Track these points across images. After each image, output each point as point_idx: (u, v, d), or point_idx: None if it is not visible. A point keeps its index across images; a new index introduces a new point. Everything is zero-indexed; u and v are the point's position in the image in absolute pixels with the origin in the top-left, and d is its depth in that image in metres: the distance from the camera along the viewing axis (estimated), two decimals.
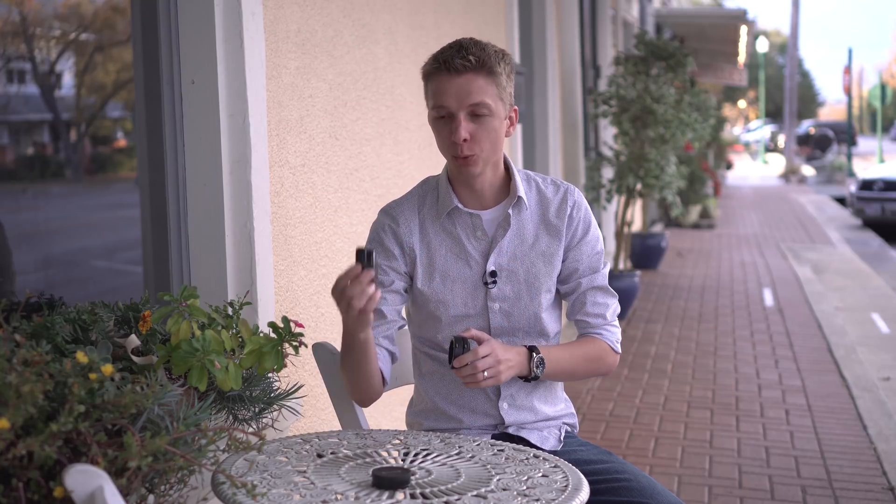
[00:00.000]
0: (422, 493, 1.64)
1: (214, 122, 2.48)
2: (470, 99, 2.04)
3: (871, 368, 5.96)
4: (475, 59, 2.04)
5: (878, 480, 4.01)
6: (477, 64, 2.04)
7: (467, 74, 2.04)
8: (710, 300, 8.20)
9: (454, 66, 2.04)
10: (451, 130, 2.06)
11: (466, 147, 2.06)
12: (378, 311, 2.15)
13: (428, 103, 2.12)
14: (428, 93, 2.11)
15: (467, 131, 2.05)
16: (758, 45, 31.34)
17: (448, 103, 2.05)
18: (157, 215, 2.61)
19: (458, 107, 2.05)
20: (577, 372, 2.20)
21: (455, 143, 2.06)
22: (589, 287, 2.21)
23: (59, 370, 1.50)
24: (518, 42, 5.84)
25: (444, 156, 2.14)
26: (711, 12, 20.19)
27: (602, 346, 2.22)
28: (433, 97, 2.08)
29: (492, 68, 2.06)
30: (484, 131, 2.07)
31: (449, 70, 2.04)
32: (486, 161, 2.11)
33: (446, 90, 2.05)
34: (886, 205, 15.19)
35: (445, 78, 2.05)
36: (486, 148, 2.08)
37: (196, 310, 1.93)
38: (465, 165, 2.09)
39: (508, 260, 2.16)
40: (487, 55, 2.06)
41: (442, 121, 2.08)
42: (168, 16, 2.49)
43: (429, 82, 2.10)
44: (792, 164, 28.05)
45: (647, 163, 7.43)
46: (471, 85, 2.04)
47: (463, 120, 2.05)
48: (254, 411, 2.01)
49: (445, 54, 2.06)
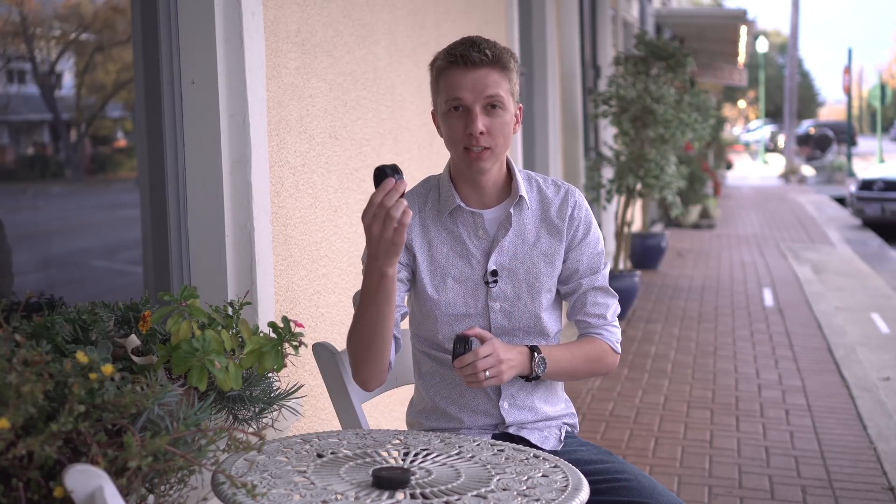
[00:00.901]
0: (422, 493, 1.64)
1: (214, 122, 2.48)
2: (486, 91, 2.06)
3: (871, 368, 5.96)
4: (491, 53, 2.07)
5: (878, 480, 4.01)
6: (493, 58, 2.07)
7: (483, 68, 2.07)
8: (709, 300, 8.20)
9: (471, 59, 2.06)
10: (466, 123, 2.07)
11: (483, 140, 2.07)
12: None
13: (438, 98, 2.13)
14: (439, 87, 2.12)
15: (483, 125, 2.06)
16: (758, 45, 31.35)
17: (464, 96, 2.06)
18: (157, 215, 2.61)
19: (474, 100, 2.06)
20: (577, 372, 2.21)
21: (471, 135, 2.06)
22: (590, 287, 2.22)
23: (59, 370, 1.50)
24: (518, 42, 5.84)
25: (454, 150, 2.13)
26: (711, 12, 20.19)
27: (602, 346, 2.23)
28: (447, 90, 2.09)
29: (506, 63, 2.09)
30: (498, 125, 2.09)
31: (466, 64, 2.06)
32: (497, 157, 2.12)
33: (462, 83, 2.06)
34: (886, 205, 15.19)
35: (461, 71, 2.07)
36: (499, 143, 2.10)
37: (196, 310, 1.93)
38: (478, 160, 2.10)
39: (509, 259, 2.17)
40: (500, 51, 2.09)
41: (456, 114, 2.09)
42: (168, 16, 2.49)
43: (441, 77, 2.11)
44: (792, 164, 28.05)
45: (647, 163, 7.43)
46: (487, 78, 2.06)
47: (479, 113, 2.06)
48: (254, 411, 2.01)
49: (460, 49, 2.08)
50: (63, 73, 3.30)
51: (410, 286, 2.22)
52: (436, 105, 2.17)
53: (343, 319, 3.09)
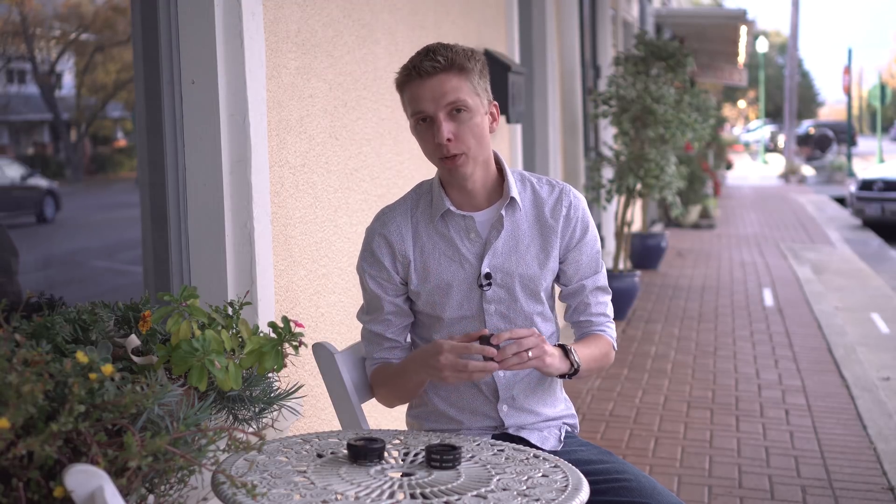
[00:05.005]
0: (422, 493, 1.64)
1: (214, 122, 2.48)
2: (445, 99, 2.05)
3: (871, 368, 5.96)
4: (444, 59, 2.05)
5: (878, 480, 4.01)
6: (446, 64, 2.05)
7: (438, 76, 2.05)
8: (709, 300, 8.20)
9: (424, 69, 2.05)
10: (433, 133, 2.07)
11: (452, 146, 2.06)
12: (385, 337, 2.22)
13: (407, 113, 2.13)
14: (405, 103, 2.12)
15: (449, 131, 2.05)
16: (758, 45, 31.34)
17: (425, 107, 2.06)
18: (157, 215, 2.61)
19: (435, 108, 2.05)
20: (593, 370, 2.20)
21: (440, 144, 2.06)
22: (592, 288, 2.22)
23: (59, 370, 1.50)
24: (518, 42, 5.84)
25: (433, 161, 2.14)
26: (711, 12, 20.18)
27: (608, 342, 2.25)
28: (410, 105, 2.09)
29: (462, 65, 2.07)
30: (466, 128, 2.07)
31: (420, 75, 2.06)
32: (474, 159, 2.10)
33: (421, 95, 2.06)
34: (886, 205, 15.19)
35: (417, 83, 2.06)
36: (471, 145, 2.08)
37: (196, 310, 1.93)
38: (455, 167, 2.09)
39: (503, 261, 2.15)
40: (455, 53, 2.07)
41: (423, 126, 2.09)
42: (168, 16, 2.49)
43: (403, 92, 2.11)
44: (792, 164, 28.04)
45: (647, 163, 7.43)
46: (444, 85, 2.05)
47: (443, 120, 2.05)
48: (254, 411, 2.01)
49: (414, 61, 2.08)
50: (63, 73, 3.30)
51: (407, 305, 2.24)
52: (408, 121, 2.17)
53: (343, 319, 3.10)
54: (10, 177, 3.06)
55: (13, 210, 3.04)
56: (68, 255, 3.17)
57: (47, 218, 3.12)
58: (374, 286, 2.19)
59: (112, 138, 3.65)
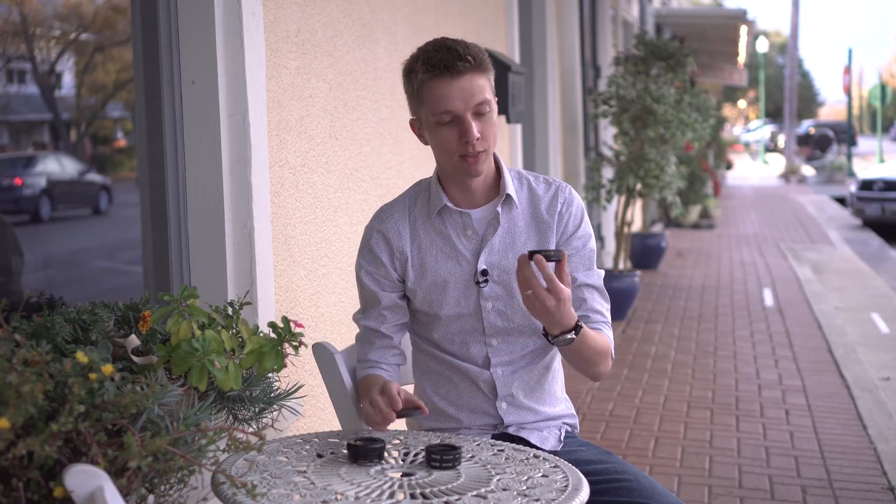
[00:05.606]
0: (422, 493, 1.64)
1: (214, 122, 2.48)
2: (475, 99, 2.04)
3: (871, 368, 5.96)
4: (473, 58, 2.04)
5: (878, 480, 4.01)
6: (475, 63, 2.05)
7: (468, 74, 2.04)
8: (709, 300, 8.20)
9: (456, 68, 2.03)
10: (460, 133, 2.05)
11: (479, 144, 2.06)
12: (379, 332, 2.21)
13: (422, 110, 2.09)
14: (422, 99, 2.08)
15: (477, 130, 2.05)
16: (758, 45, 31.34)
17: (454, 106, 2.04)
18: (157, 215, 2.61)
19: (465, 108, 2.04)
20: (590, 358, 2.12)
21: (467, 143, 2.05)
22: (585, 283, 2.17)
23: (59, 370, 1.50)
24: (518, 42, 5.84)
25: (448, 160, 2.10)
26: (711, 12, 20.18)
27: (607, 343, 2.17)
28: (434, 104, 2.05)
29: (486, 64, 2.08)
30: (489, 127, 2.08)
31: (451, 73, 2.03)
32: (489, 155, 2.12)
33: (450, 94, 2.03)
34: (886, 205, 15.19)
35: (447, 81, 2.03)
36: (492, 143, 2.10)
37: (196, 310, 1.93)
38: (476, 164, 2.08)
39: (500, 258, 2.15)
40: (478, 51, 2.07)
41: (447, 125, 2.06)
42: (168, 16, 2.49)
43: (424, 89, 2.07)
44: (792, 164, 28.05)
45: (647, 163, 7.43)
46: (473, 85, 2.04)
47: (472, 120, 2.05)
48: (254, 411, 2.01)
49: (439, 57, 2.04)
50: (63, 73, 3.30)
51: (404, 301, 2.23)
52: (418, 116, 2.13)
53: (343, 319, 3.10)
54: (69, 172, 3.22)
55: (75, 203, 3.19)
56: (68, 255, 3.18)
57: (101, 210, 3.43)
58: (371, 283, 2.19)
59: (112, 138, 3.65)
